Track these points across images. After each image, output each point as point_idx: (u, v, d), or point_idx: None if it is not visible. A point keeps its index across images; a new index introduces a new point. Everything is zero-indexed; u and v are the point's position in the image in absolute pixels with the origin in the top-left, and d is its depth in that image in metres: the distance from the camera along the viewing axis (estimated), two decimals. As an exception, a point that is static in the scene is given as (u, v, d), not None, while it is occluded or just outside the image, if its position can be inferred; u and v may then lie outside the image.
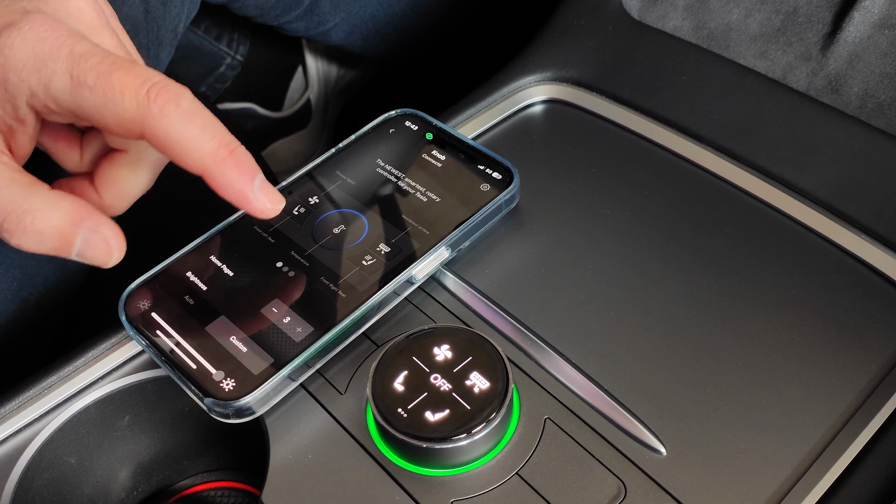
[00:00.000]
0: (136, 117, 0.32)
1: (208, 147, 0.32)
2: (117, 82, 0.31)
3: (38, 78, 0.32)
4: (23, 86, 0.32)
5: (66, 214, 0.32)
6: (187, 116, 0.32)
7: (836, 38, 0.47)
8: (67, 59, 0.32)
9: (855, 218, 0.40)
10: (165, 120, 0.32)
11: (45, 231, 0.32)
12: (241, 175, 0.33)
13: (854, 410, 0.35)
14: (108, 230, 0.33)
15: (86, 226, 0.32)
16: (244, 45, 0.88)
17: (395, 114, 0.46)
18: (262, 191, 0.34)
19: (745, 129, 0.45)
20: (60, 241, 0.32)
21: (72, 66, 0.32)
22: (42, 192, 0.32)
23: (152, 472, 0.44)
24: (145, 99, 0.31)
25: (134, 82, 0.31)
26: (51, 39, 0.32)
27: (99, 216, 0.33)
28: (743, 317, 0.38)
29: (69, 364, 0.40)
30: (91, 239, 0.33)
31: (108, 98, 0.31)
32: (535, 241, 0.42)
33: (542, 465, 0.34)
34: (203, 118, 0.32)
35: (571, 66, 0.50)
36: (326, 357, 0.37)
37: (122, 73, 0.32)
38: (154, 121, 0.32)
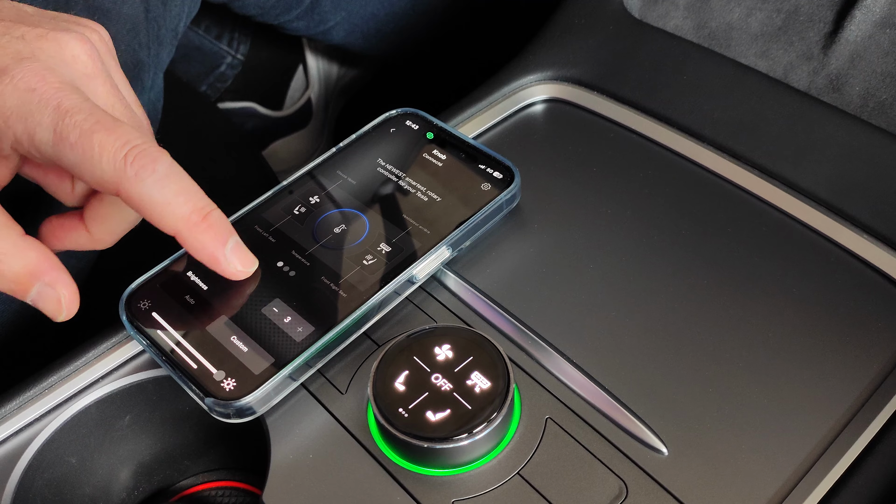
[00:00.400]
0: (113, 179, 0.32)
1: (181, 212, 0.33)
2: (97, 143, 0.32)
3: (23, 127, 0.33)
4: (8, 132, 0.33)
5: (28, 265, 0.33)
6: (162, 182, 0.33)
7: (837, 38, 0.47)
8: (53, 113, 0.32)
9: (855, 217, 0.40)
10: (140, 184, 0.32)
11: (5, 274, 0.33)
12: (213, 239, 0.34)
13: (856, 410, 0.35)
14: (63, 290, 0.34)
15: (44, 280, 0.33)
16: (245, 44, 0.88)
17: (395, 113, 0.46)
18: (235, 253, 0.35)
19: (745, 129, 0.45)
20: (17, 286, 0.33)
21: (56, 121, 0.32)
22: (11, 237, 0.33)
23: (153, 472, 0.44)
24: (122, 162, 0.32)
25: (114, 145, 0.32)
26: (40, 91, 0.33)
27: (58, 273, 0.34)
28: (744, 316, 0.38)
29: (70, 364, 0.40)
30: (45, 293, 0.34)
31: (87, 158, 0.32)
32: (536, 240, 0.42)
33: (543, 465, 0.34)
34: (178, 183, 0.33)
35: (572, 65, 0.49)
36: (327, 357, 0.37)
37: (103, 134, 0.32)
38: (129, 184, 0.32)
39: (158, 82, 0.58)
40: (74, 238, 0.38)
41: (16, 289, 0.33)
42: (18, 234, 0.33)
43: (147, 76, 0.56)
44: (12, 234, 0.33)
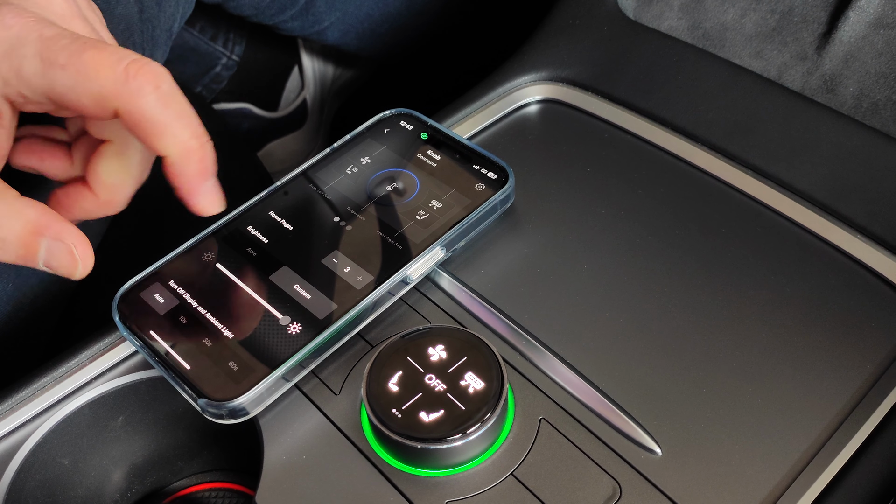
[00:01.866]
0: (112, 93, 0.31)
1: (181, 136, 0.32)
2: (90, 59, 0.31)
3: (8, 65, 0.31)
4: None
5: (28, 222, 0.32)
6: (165, 100, 0.31)
7: (831, 38, 0.47)
8: (37, 42, 0.31)
9: (849, 217, 0.40)
10: (143, 99, 0.31)
11: (7, 238, 0.32)
12: (200, 171, 0.33)
13: (850, 410, 0.35)
14: (72, 239, 0.33)
15: (49, 234, 0.32)
16: (240, 45, 0.88)
17: (390, 113, 0.46)
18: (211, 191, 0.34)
19: (740, 129, 0.45)
20: (24, 250, 0.32)
21: (41, 49, 0.31)
22: (6, 198, 0.32)
23: (146, 473, 0.44)
24: (123, 74, 0.31)
25: (109, 59, 0.31)
26: (18, 26, 0.32)
27: (63, 225, 0.33)
28: (738, 316, 0.38)
29: (62, 365, 0.39)
30: (55, 248, 0.32)
31: (82, 75, 0.31)
32: (531, 240, 0.42)
33: (537, 465, 0.34)
34: (180, 104, 0.32)
35: (567, 65, 0.49)
36: (321, 357, 0.37)
37: (94, 52, 0.31)
38: (130, 98, 0.31)
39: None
40: (81, 206, 0.37)
41: (24, 253, 0.32)
42: (13, 196, 0.32)
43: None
44: (7, 196, 0.32)
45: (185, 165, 0.33)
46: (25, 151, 0.38)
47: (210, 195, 0.34)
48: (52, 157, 0.38)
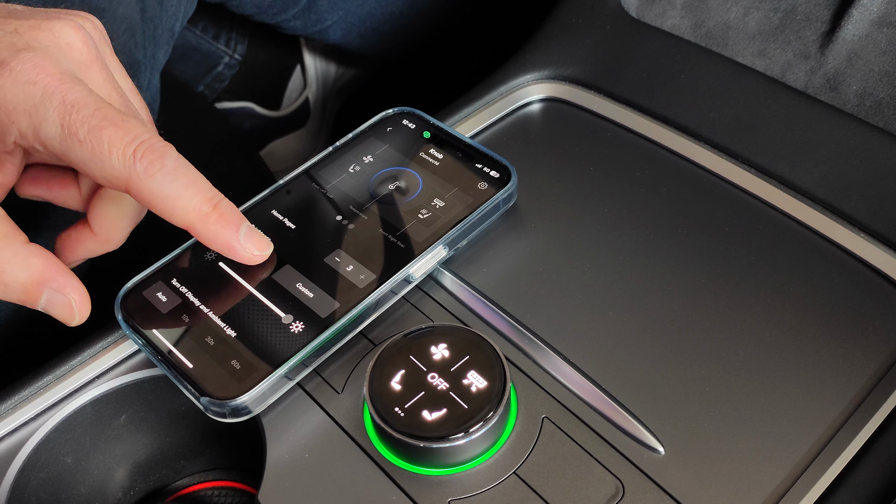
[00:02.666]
0: (122, 175, 0.32)
1: (192, 204, 0.34)
2: (106, 139, 0.32)
3: (28, 122, 0.32)
4: (12, 126, 0.33)
5: (33, 273, 0.33)
6: (171, 175, 0.33)
7: (834, 37, 0.47)
8: (59, 107, 0.32)
9: (852, 215, 0.40)
10: (150, 180, 0.33)
11: (11, 284, 0.33)
12: (225, 228, 0.35)
13: (853, 409, 0.35)
14: (73, 293, 0.34)
15: (51, 286, 0.33)
16: (242, 43, 0.88)
17: (392, 112, 0.46)
18: (249, 239, 0.36)
19: (743, 128, 0.44)
20: (25, 296, 0.33)
21: (63, 116, 0.32)
22: (15, 246, 0.33)
23: (149, 472, 0.44)
24: (132, 159, 0.32)
25: (123, 140, 0.32)
26: (42, 83, 0.32)
27: (66, 278, 0.34)
28: (741, 315, 0.38)
29: (65, 363, 0.39)
30: (55, 299, 0.34)
31: (97, 155, 0.32)
32: (533, 239, 0.42)
33: (539, 464, 0.34)
34: (187, 176, 0.33)
35: (569, 64, 0.49)
36: (323, 356, 0.37)
37: (112, 130, 0.32)
38: (139, 180, 0.32)
39: (155, 83, 0.58)
40: (84, 246, 0.38)
41: (25, 298, 0.33)
42: (22, 243, 0.33)
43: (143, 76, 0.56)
44: (15, 242, 0.33)
45: (207, 230, 0.34)
46: (32, 181, 0.39)
47: (250, 243, 0.36)
48: (59, 186, 0.39)
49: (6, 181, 0.35)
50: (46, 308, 0.34)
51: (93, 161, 0.32)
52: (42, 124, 0.32)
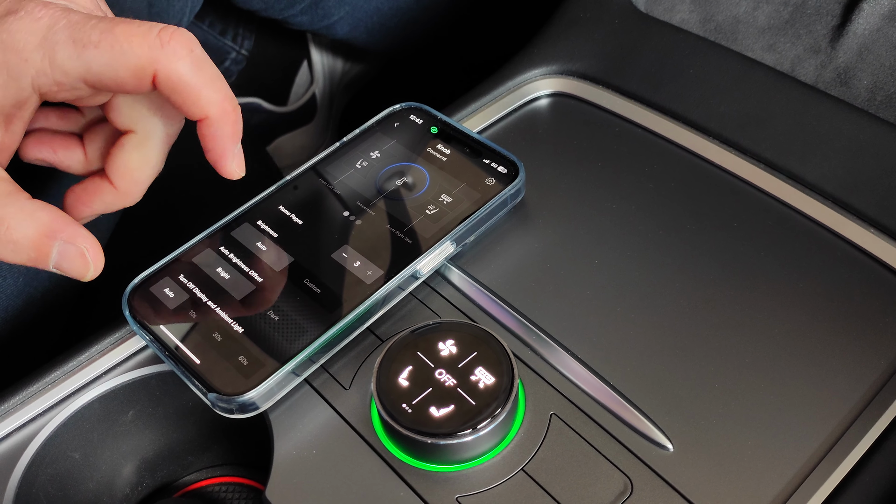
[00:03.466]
0: (149, 60, 0.32)
1: (216, 97, 0.33)
2: (122, 33, 0.32)
3: (41, 54, 0.32)
4: (26, 66, 0.32)
5: (41, 225, 0.32)
6: (200, 63, 0.32)
7: (845, 31, 0.47)
8: (67, 27, 0.32)
9: (863, 211, 0.40)
10: (179, 62, 0.32)
11: (20, 241, 0.32)
12: (232, 134, 0.34)
13: (863, 406, 0.34)
14: (84, 242, 0.33)
15: (61, 237, 0.32)
16: (249, 39, 0.88)
17: (399, 107, 0.46)
18: (239, 155, 0.36)
19: (752, 123, 0.44)
20: (36, 253, 0.32)
21: (73, 32, 0.32)
22: (19, 201, 0.32)
23: (156, 468, 0.44)
24: (157, 40, 0.32)
25: (140, 29, 0.32)
26: (47, 16, 0.32)
27: (76, 228, 0.33)
28: (750, 311, 0.37)
29: (73, 359, 0.39)
30: (67, 251, 0.33)
31: (117, 50, 0.32)
32: (541, 235, 0.42)
33: (547, 461, 0.34)
34: (213, 68, 0.33)
35: (577, 59, 0.49)
36: (331, 352, 0.37)
37: (124, 25, 0.32)
38: (167, 61, 0.32)
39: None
40: (101, 199, 0.37)
41: (35, 255, 0.32)
42: (25, 199, 0.33)
43: (151, 71, 0.56)
44: (18, 199, 0.32)
45: (221, 127, 0.34)
46: (37, 143, 0.38)
47: (238, 158, 0.36)
48: (64, 149, 0.38)
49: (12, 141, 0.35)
50: (59, 264, 0.33)
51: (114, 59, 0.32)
52: (55, 49, 0.32)
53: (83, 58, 0.32)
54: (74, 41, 0.32)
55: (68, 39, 0.32)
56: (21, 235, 0.32)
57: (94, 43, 0.32)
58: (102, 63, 0.32)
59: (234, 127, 0.34)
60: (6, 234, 0.32)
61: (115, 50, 0.32)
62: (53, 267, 0.33)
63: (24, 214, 0.32)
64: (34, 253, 0.32)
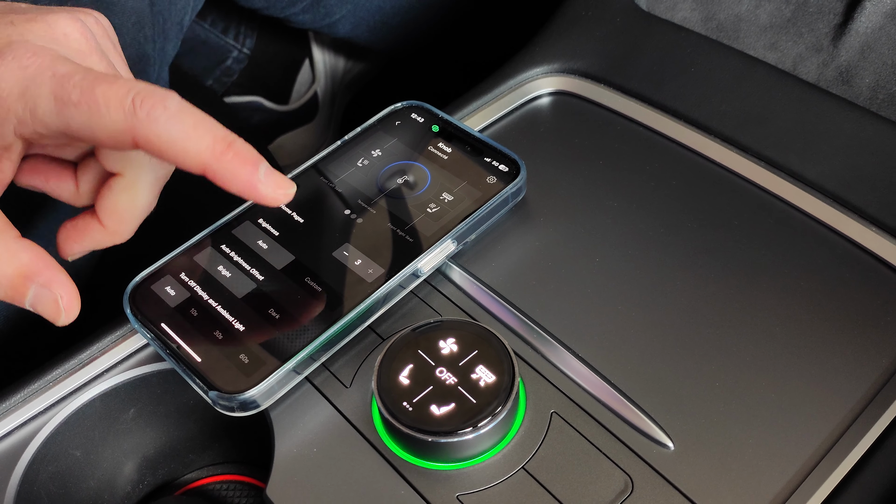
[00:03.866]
0: (126, 127, 0.31)
1: (204, 144, 0.32)
2: (101, 95, 0.31)
3: (23, 105, 0.32)
4: (9, 115, 0.32)
5: (21, 266, 0.32)
6: (176, 117, 0.31)
7: (847, 29, 0.47)
8: (50, 81, 0.32)
9: (864, 209, 0.40)
10: (155, 124, 0.31)
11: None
12: (243, 165, 0.32)
13: (864, 405, 0.34)
14: (60, 289, 0.33)
15: (38, 281, 0.32)
16: (251, 38, 0.88)
17: (401, 106, 0.46)
18: (270, 177, 0.33)
19: (753, 121, 0.44)
20: (13, 291, 0.32)
21: (55, 87, 0.31)
22: (5, 240, 0.32)
23: (158, 466, 0.44)
24: (131, 107, 0.31)
25: (118, 93, 0.31)
26: (34, 66, 0.32)
27: (54, 273, 0.33)
28: (751, 310, 0.37)
29: (74, 357, 0.40)
30: (42, 295, 0.33)
31: (94, 112, 0.31)
32: (542, 233, 0.42)
33: (548, 459, 0.34)
34: (193, 117, 0.32)
35: (579, 57, 0.49)
36: (331, 350, 0.37)
37: (105, 86, 0.31)
38: (143, 127, 0.31)
39: (164, 76, 0.58)
40: (91, 237, 0.37)
41: (12, 294, 0.33)
42: (12, 238, 0.33)
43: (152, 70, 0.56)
44: (5, 237, 0.32)
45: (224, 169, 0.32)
46: (31, 171, 0.38)
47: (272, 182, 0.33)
48: (57, 178, 0.38)
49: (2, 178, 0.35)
50: (34, 305, 0.33)
51: (91, 121, 0.31)
52: (37, 102, 0.32)
53: (63, 115, 0.32)
54: (56, 97, 0.31)
55: (50, 95, 0.31)
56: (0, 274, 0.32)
57: (73, 102, 0.31)
58: (81, 123, 0.32)
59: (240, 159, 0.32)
60: None
61: (93, 112, 0.31)
62: (29, 306, 0.33)
63: (8, 254, 0.32)
64: (11, 291, 0.33)
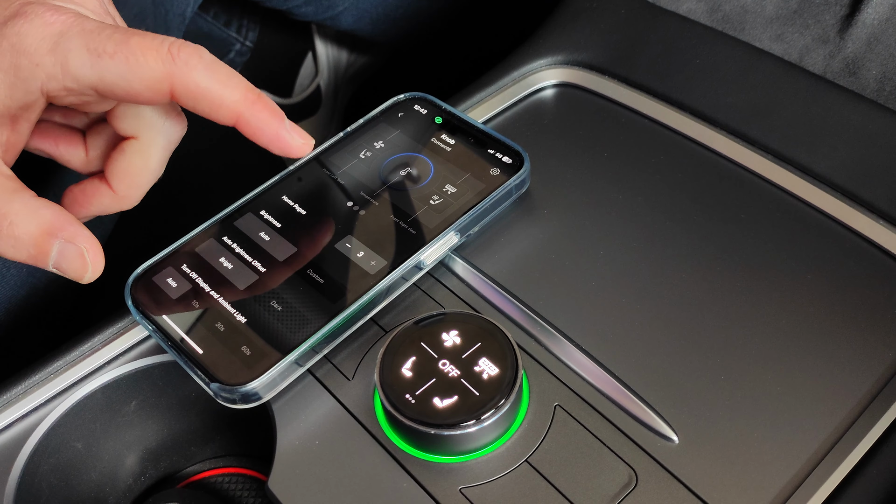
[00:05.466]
0: (164, 74, 0.32)
1: (238, 94, 0.33)
2: (137, 45, 0.32)
3: (53, 59, 0.32)
4: (37, 70, 0.32)
5: (43, 223, 0.32)
6: (212, 67, 0.33)
7: (854, 20, 0.46)
8: (80, 35, 0.32)
9: (871, 202, 0.40)
10: (193, 72, 0.32)
11: (21, 237, 0.32)
12: (272, 116, 0.34)
13: (870, 399, 0.34)
14: (85, 242, 0.33)
15: (62, 236, 0.32)
16: (253, 31, 0.88)
17: (404, 97, 0.46)
18: (293, 130, 0.35)
19: (759, 113, 0.44)
20: (36, 250, 0.32)
21: (87, 41, 0.32)
22: (23, 198, 0.32)
23: (160, 458, 0.44)
24: (168, 55, 0.32)
25: (153, 42, 0.32)
26: (59, 22, 0.32)
27: (78, 228, 0.33)
28: (756, 303, 0.37)
29: (76, 349, 0.39)
30: (66, 250, 0.33)
31: (132, 62, 0.32)
32: (546, 226, 0.41)
33: (551, 452, 0.34)
34: (226, 69, 0.34)
35: (583, 49, 0.49)
36: (334, 342, 0.37)
37: (139, 38, 0.32)
38: (182, 74, 0.32)
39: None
40: (98, 201, 0.37)
41: (35, 253, 0.32)
42: (30, 196, 0.33)
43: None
44: (23, 195, 0.32)
45: (257, 116, 0.34)
46: (40, 135, 0.38)
47: (296, 134, 0.35)
48: (66, 143, 0.38)
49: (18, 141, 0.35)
50: (58, 263, 0.33)
51: (129, 71, 0.32)
52: (68, 56, 0.32)
53: (97, 67, 0.32)
54: (89, 50, 0.32)
55: (82, 47, 0.32)
56: (22, 231, 0.32)
57: (109, 53, 0.32)
58: (117, 74, 0.32)
59: (269, 110, 0.34)
60: (8, 229, 0.32)
61: (131, 62, 0.32)
62: (53, 266, 0.33)
63: (28, 211, 0.32)
64: (34, 250, 0.32)
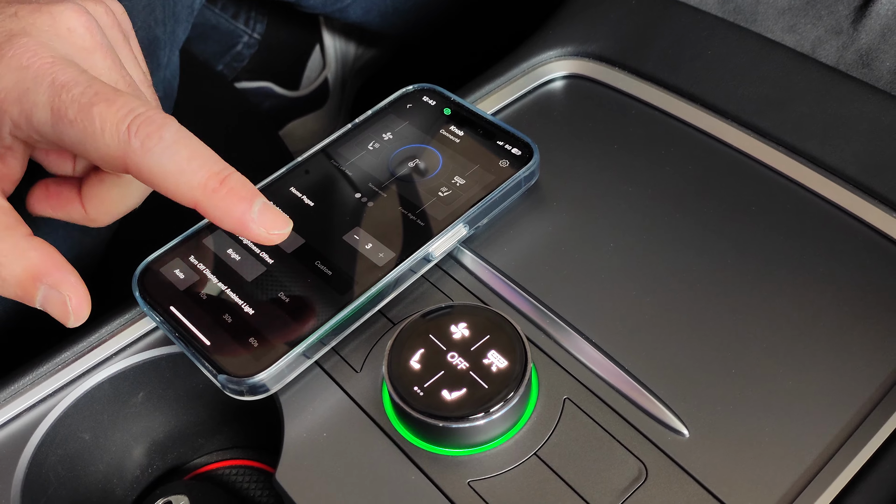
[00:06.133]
0: (119, 154, 0.30)
1: (197, 179, 0.31)
2: (97, 116, 0.30)
3: (19, 109, 0.31)
4: (5, 117, 0.31)
5: (29, 266, 0.31)
6: (171, 149, 0.30)
7: (867, 11, 0.46)
8: (49, 89, 0.30)
9: (884, 195, 0.39)
10: (148, 155, 0.30)
11: (7, 279, 0.31)
12: (236, 204, 0.31)
13: (883, 393, 0.34)
14: (69, 290, 0.32)
15: (46, 282, 0.32)
16: (261, 23, 0.88)
17: (412, 89, 0.46)
18: (264, 216, 0.32)
19: (772, 105, 0.43)
20: (22, 291, 0.32)
21: (53, 98, 0.30)
22: (14, 237, 0.32)
23: (167, 450, 0.43)
24: (126, 134, 0.30)
25: (115, 116, 0.30)
26: (34, 67, 0.31)
27: (63, 274, 0.32)
28: (768, 296, 0.37)
29: (83, 340, 0.39)
30: (50, 296, 0.32)
31: (89, 134, 0.30)
32: (555, 218, 0.41)
33: (560, 445, 0.34)
34: (189, 149, 0.31)
35: (593, 40, 0.48)
36: (342, 335, 0.37)
37: (103, 106, 0.30)
38: (136, 157, 0.30)
39: (174, 60, 0.58)
40: (68, 211, 0.36)
41: (22, 294, 0.32)
42: (22, 235, 0.32)
43: (163, 53, 0.56)
44: (15, 234, 0.32)
45: (215, 207, 0.31)
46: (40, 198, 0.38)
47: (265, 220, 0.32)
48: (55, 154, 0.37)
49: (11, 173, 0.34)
50: (43, 306, 0.32)
51: (85, 141, 0.30)
52: (33, 110, 0.31)
53: (57, 128, 0.31)
54: (52, 109, 0.30)
55: (47, 105, 0.30)
56: (8, 273, 0.31)
57: (69, 119, 0.30)
58: (75, 141, 0.31)
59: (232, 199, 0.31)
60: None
61: (88, 133, 0.30)
62: (39, 307, 0.32)
63: (16, 252, 0.31)
64: (20, 291, 0.32)
